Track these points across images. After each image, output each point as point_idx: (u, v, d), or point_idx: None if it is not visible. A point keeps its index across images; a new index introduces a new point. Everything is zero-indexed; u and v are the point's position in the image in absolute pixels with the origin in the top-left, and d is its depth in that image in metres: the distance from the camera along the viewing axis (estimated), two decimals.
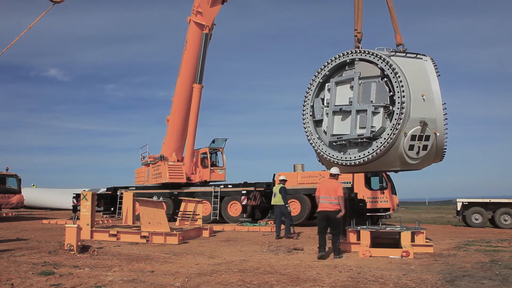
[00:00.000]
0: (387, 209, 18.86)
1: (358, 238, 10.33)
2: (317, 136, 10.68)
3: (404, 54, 10.05)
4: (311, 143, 10.78)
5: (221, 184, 21.52)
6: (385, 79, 9.70)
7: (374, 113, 9.76)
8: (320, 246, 9.41)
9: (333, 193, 9.53)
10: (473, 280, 6.81)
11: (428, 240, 10.88)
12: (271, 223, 19.13)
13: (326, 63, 10.64)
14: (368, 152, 9.78)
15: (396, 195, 19.14)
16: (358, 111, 9.94)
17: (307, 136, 10.83)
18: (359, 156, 9.89)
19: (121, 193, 19.84)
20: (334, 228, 9.56)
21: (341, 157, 10.17)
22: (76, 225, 9.66)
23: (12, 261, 8.43)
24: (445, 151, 10.72)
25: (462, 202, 20.74)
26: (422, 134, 9.52)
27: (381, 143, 9.59)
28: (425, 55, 10.12)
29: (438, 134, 9.68)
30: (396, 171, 10.84)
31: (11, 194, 22.53)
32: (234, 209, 20.59)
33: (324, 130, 10.52)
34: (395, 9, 10.85)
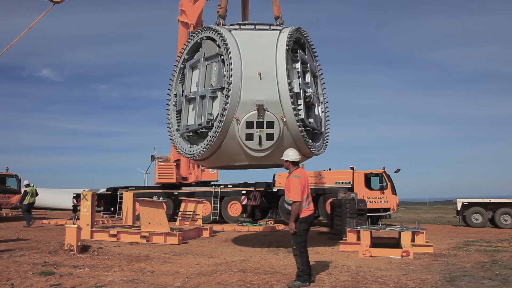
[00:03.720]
0: (387, 209, 18.86)
1: (358, 238, 10.33)
2: (176, 128, 9.71)
3: (253, 27, 8.87)
4: (169, 136, 9.87)
5: (221, 184, 21.52)
6: (223, 57, 8.56)
7: (213, 98, 8.65)
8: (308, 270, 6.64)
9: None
10: (473, 280, 6.81)
11: (428, 240, 10.88)
12: (271, 223, 19.14)
13: (185, 46, 9.71)
14: (205, 144, 8.66)
15: (396, 195, 19.14)
16: (201, 97, 8.93)
17: (168, 128, 9.89)
18: (198, 149, 8.87)
19: (121, 193, 19.84)
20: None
21: (188, 151, 9.22)
22: (76, 225, 9.66)
23: (12, 261, 8.43)
24: (326, 142, 10.05)
25: (462, 202, 20.76)
26: (261, 120, 8.14)
27: (212, 133, 8.44)
28: (287, 27, 9.03)
29: (285, 119, 8.22)
30: (245, 167, 9.65)
31: (11, 194, 22.55)
32: (234, 209, 20.59)
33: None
34: None
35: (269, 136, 8.27)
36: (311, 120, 9.73)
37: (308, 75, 9.76)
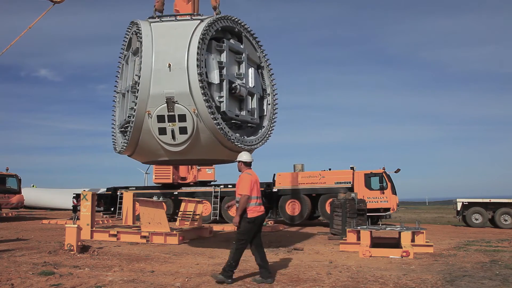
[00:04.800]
0: (387, 209, 18.88)
1: (358, 238, 10.33)
2: (118, 123, 9.73)
3: (174, 18, 8.76)
4: (111, 132, 9.92)
5: (221, 184, 21.52)
6: None
7: (133, 93, 8.57)
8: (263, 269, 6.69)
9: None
10: (473, 280, 6.81)
11: (428, 240, 10.88)
12: (271, 223, 19.14)
13: (123, 42, 9.76)
14: (126, 140, 8.68)
15: (396, 195, 19.15)
16: (127, 92, 8.94)
17: (112, 124, 9.96)
18: (120, 145, 8.92)
19: (121, 193, 19.85)
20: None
21: (118, 146, 9.33)
22: (76, 225, 9.65)
23: (12, 261, 8.42)
24: (267, 135, 9.80)
25: (462, 202, 20.77)
26: (172, 113, 7.97)
27: (129, 128, 8.42)
28: (211, 16, 8.80)
29: (197, 112, 8.01)
30: (175, 163, 9.47)
31: (11, 194, 22.52)
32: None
33: None
34: None
35: (183, 130, 8.09)
36: (242, 113, 9.37)
37: (243, 66, 9.39)
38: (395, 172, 19.34)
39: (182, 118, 7.98)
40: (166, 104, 7.83)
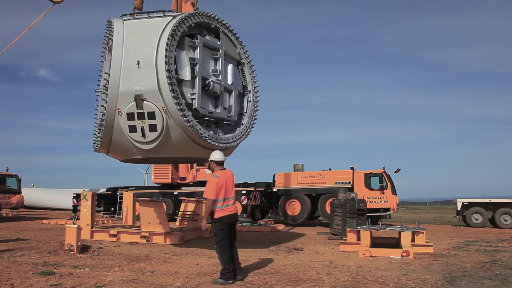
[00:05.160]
0: (387, 209, 18.88)
1: (358, 238, 10.33)
2: None
3: (146, 15, 8.70)
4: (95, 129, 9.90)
5: None
6: None
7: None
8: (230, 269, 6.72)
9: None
10: (473, 280, 6.81)
11: (428, 240, 10.88)
12: (271, 223, 19.15)
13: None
14: (100, 138, 8.74)
15: (396, 195, 19.16)
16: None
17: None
18: (95, 142, 8.94)
19: (121, 193, 19.86)
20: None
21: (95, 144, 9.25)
22: (76, 225, 9.65)
23: (12, 261, 8.42)
24: (246, 133, 9.67)
25: (462, 202, 20.78)
26: (141, 111, 7.95)
27: (102, 126, 8.45)
28: (185, 13, 8.73)
29: (166, 109, 7.96)
30: (145, 162, 9.39)
31: (11, 194, 22.50)
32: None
33: None
34: None
35: (152, 127, 8.06)
36: (217, 110, 9.24)
37: (220, 62, 9.25)
38: (395, 172, 19.35)
39: (151, 115, 7.95)
40: (135, 102, 7.82)
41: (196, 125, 8.34)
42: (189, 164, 22.01)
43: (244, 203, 19.85)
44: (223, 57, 9.38)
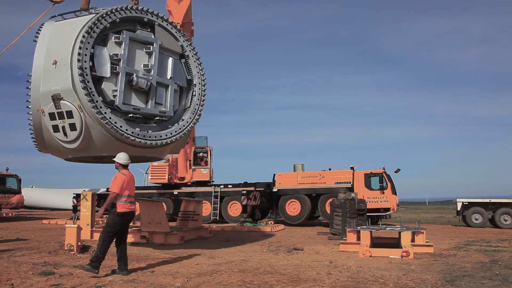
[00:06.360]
0: (387, 209, 18.87)
1: (358, 238, 10.33)
2: None
3: (74, 15, 8.67)
4: None
5: (221, 184, 21.51)
6: None
7: None
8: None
9: None
10: (473, 280, 6.81)
11: (428, 240, 10.88)
12: (271, 223, 19.15)
13: None
14: (33, 139, 8.87)
15: (396, 195, 19.15)
16: None
17: None
18: (33, 143, 9.05)
19: None
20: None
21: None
22: (76, 225, 9.66)
23: (12, 261, 8.43)
24: (183, 129, 9.34)
25: (462, 202, 20.77)
26: (59, 110, 8.00)
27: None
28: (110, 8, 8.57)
29: (82, 107, 7.96)
30: (67, 159, 9.48)
31: (11, 194, 22.51)
32: (234, 209, 20.58)
33: None
34: None
35: (72, 126, 8.09)
36: (147, 105, 8.99)
37: (154, 57, 9.05)
38: (395, 172, 19.34)
39: (70, 114, 8.02)
40: (53, 102, 7.97)
41: (116, 122, 8.22)
42: (187, 164, 21.99)
43: (244, 203, 19.85)
44: (158, 51, 9.17)
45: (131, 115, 8.62)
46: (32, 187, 37.14)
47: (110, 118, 8.13)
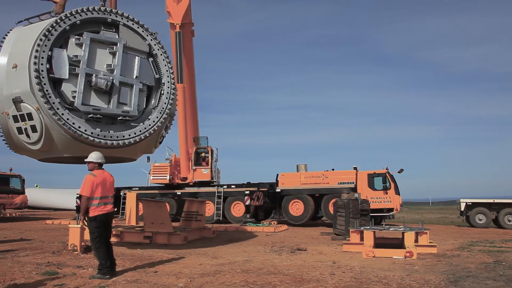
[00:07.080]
0: (391, 209, 18.82)
1: (362, 239, 10.31)
2: None
3: (38, 19, 8.86)
4: None
5: (224, 185, 21.52)
6: None
7: None
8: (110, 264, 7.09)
9: None
10: (477, 281, 6.79)
11: (432, 241, 10.85)
12: (274, 223, 19.14)
13: None
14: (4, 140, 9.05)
15: (399, 195, 19.11)
16: None
17: None
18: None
19: (124, 194, 19.89)
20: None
21: None
22: (79, 225, 9.68)
23: (16, 261, 8.46)
24: (149, 129, 9.26)
25: (466, 203, 20.71)
26: (21, 112, 8.20)
27: None
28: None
29: (40, 108, 8.11)
30: (40, 160, 9.55)
31: (15, 195, 22.57)
32: (237, 209, 20.59)
33: None
34: None
35: (33, 128, 8.28)
36: (109, 106, 8.96)
37: (117, 56, 9.07)
38: (398, 172, 19.30)
39: (30, 116, 8.18)
40: (13, 104, 8.17)
41: (74, 123, 8.32)
42: (190, 164, 21.98)
43: (247, 203, 19.86)
44: (122, 50, 9.18)
45: (91, 115, 8.70)
46: (36, 186, 37.29)
47: (67, 119, 8.27)
